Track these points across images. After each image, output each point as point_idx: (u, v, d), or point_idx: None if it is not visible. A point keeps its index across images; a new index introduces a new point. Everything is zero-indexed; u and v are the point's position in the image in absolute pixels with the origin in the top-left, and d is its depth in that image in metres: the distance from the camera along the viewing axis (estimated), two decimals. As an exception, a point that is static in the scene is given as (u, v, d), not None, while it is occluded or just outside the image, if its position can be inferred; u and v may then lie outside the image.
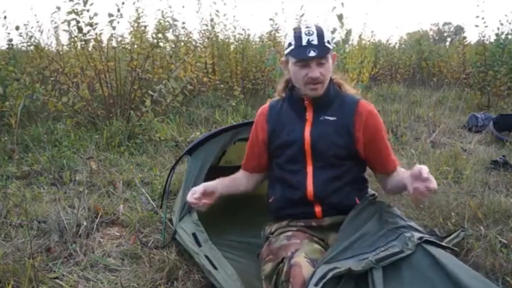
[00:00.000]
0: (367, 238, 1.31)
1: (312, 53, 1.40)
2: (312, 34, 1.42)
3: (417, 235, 1.31)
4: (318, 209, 1.49)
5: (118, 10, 4.14)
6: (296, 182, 1.51)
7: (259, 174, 1.70)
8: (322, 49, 1.42)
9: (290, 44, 1.47)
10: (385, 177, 1.57)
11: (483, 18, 6.11)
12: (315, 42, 1.42)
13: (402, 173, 1.47)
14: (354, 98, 1.55)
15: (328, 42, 1.45)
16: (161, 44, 4.42)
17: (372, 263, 1.19)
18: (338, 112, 1.51)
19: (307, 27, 1.45)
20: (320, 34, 1.43)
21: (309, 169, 1.50)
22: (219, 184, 1.58)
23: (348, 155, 1.51)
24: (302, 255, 1.27)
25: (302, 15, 6.39)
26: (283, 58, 1.57)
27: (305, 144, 1.50)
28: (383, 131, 1.55)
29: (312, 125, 1.51)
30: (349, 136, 1.49)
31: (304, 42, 1.42)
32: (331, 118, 1.50)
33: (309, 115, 1.53)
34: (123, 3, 4.16)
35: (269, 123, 1.60)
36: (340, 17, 4.13)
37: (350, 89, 1.60)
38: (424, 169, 1.23)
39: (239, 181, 1.69)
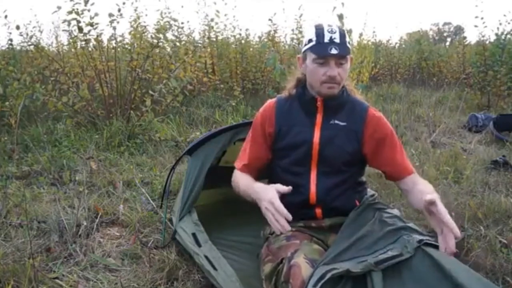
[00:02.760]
0: (367, 240, 1.31)
1: (334, 51, 1.35)
2: (335, 32, 1.38)
3: (416, 237, 1.30)
4: (318, 211, 1.49)
5: (119, 10, 4.14)
6: (299, 186, 1.47)
7: (258, 174, 1.63)
8: (344, 48, 1.38)
9: (310, 40, 1.42)
10: (404, 186, 1.49)
11: (482, 18, 6.12)
12: (338, 40, 1.37)
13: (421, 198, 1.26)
14: (363, 104, 1.52)
15: (349, 43, 1.41)
16: (160, 44, 4.42)
17: (371, 266, 1.18)
18: (348, 117, 1.48)
19: (329, 25, 1.40)
20: (342, 33, 1.39)
21: (313, 174, 1.48)
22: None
23: (354, 161, 1.49)
24: (301, 256, 1.27)
25: (301, 15, 6.40)
26: (299, 55, 1.51)
27: (313, 147, 1.46)
28: (393, 137, 1.52)
29: (321, 128, 1.47)
30: (357, 142, 1.47)
31: (326, 39, 1.38)
32: (341, 123, 1.47)
33: (318, 118, 1.49)
34: (123, 3, 4.16)
35: (276, 120, 1.53)
36: (340, 17, 4.13)
37: (358, 96, 1.57)
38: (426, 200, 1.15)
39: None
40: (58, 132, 4.03)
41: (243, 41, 6.67)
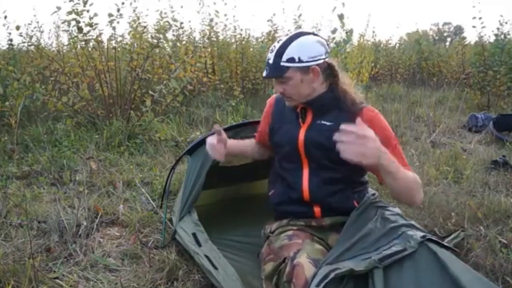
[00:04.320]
0: (369, 237, 1.31)
1: (264, 73, 1.44)
2: (272, 52, 1.42)
3: (419, 233, 1.30)
4: (317, 209, 1.49)
5: (118, 10, 4.15)
6: (292, 182, 1.52)
7: (268, 148, 1.75)
8: (274, 69, 1.40)
9: None
10: None
11: (480, 18, 6.12)
12: (271, 61, 1.41)
13: None
14: (358, 105, 1.48)
15: (291, 60, 1.38)
16: (160, 44, 4.42)
17: (375, 263, 1.18)
18: (336, 117, 1.46)
19: (277, 42, 1.44)
20: (279, 53, 1.39)
21: (305, 170, 1.50)
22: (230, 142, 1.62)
23: (342, 160, 1.48)
24: (304, 256, 1.27)
25: (300, 15, 6.40)
26: None
27: (299, 145, 1.50)
28: (386, 139, 1.41)
29: (307, 128, 1.51)
30: None
31: (266, 59, 1.45)
32: (327, 123, 1.47)
33: (308, 118, 1.52)
34: (122, 3, 4.17)
35: (272, 118, 1.63)
36: (341, 17, 4.13)
37: (357, 95, 1.52)
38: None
39: (249, 143, 1.77)
40: (58, 132, 4.03)
41: (243, 42, 6.67)
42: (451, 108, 5.53)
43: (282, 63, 1.39)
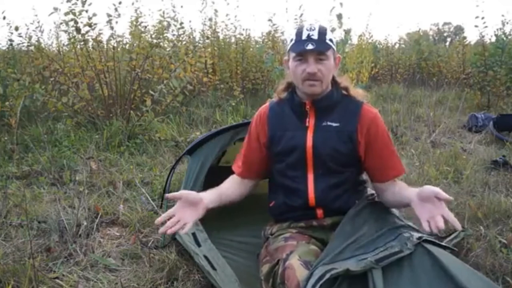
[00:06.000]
0: (366, 238, 1.31)
1: (310, 46, 1.36)
2: (313, 30, 1.40)
3: (416, 234, 1.30)
4: (319, 212, 1.48)
5: (116, 10, 4.15)
6: (297, 190, 1.48)
7: (255, 180, 1.62)
8: (321, 44, 1.38)
9: (291, 40, 1.44)
10: (386, 188, 1.48)
11: (482, 18, 6.12)
12: (315, 37, 1.38)
13: (407, 190, 1.40)
14: (358, 102, 1.49)
15: (331, 40, 1.42)
16: (160, 43, 4.42)
17: (372, 264, 1.18)
18: (341, 117, 1.46)
19: (310, 24, 1.43)
20: (322, 31, 1.40)
21: (310, 176, 1.47)
22: (207, 194, 1.47)
23: (350, 162, 1.47)
24: (295, 258, 1.26)
25: (301, 15, 6.39)
26: (285, 57, 1.52)
27: (307, 151, 1.45)
28: (385, 138, 1.48)
29: (314, 131, 1.46)
30: (352, 142, 1.44)
31: (304, 36, 1.39)
32: (333, 124, 1.45)
33: (311, 121, 1.48)
34: (120, 2, 4.18)
35: (269, 127, 1.53)
36: (339, 16, 4.13)
37: (357, 92, 1.53)
38: (438, 192, 1.25)
39: (230, 191, 1.57)
40: (58, 132, 4.03)
41: (244, 41, 6.67)
42: (451, 108, 5.53)
43: (327, 41, 1.40)
